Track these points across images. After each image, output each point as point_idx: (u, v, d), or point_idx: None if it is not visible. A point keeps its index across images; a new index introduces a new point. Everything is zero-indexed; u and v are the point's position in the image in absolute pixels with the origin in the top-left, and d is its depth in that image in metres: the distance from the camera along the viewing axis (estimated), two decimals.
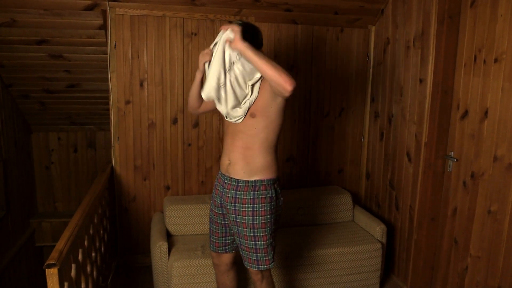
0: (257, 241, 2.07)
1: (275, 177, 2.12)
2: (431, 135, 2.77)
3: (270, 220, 2.08)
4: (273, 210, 2.09)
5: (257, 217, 2.05)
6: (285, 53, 3.39)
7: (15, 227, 3.93)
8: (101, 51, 3.30)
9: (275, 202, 2.10)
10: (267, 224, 2.07)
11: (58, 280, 1.66)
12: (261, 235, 2.07)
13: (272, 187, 2.09)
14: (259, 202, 2.05)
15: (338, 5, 3.22)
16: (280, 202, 2.16)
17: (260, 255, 2.09)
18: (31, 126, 4.38)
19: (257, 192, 2.06)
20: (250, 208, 2.05)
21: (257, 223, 2.06)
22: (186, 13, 3.11)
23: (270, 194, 2.07)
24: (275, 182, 2.12)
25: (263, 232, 2.07)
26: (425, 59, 2.77)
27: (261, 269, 2.12)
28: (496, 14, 2.34)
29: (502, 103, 2.32)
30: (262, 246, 2.08)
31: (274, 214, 2.11)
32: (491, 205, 2.41)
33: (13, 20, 2.95)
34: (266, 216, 2.07)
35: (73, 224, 2.09)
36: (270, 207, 2.07)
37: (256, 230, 2.06)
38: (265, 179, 2.07)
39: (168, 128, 3.28)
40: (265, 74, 1.85)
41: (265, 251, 2.09)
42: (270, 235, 2.09)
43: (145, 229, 3.34)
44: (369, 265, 2.96)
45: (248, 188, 2.06)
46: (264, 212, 2.06)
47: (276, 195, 2.11)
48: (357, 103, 3.62)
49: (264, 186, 2.06)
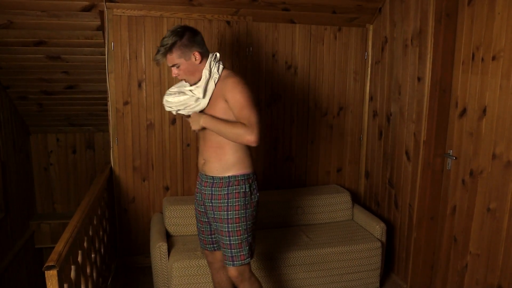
0: (231, 236, 2.11)
1: (248, 172, 2.15)
2: (430, 133, 2.78)
3: (244, 215, 2.12)
4: (248, 205, 2.13)
5: (231, 212, 2.10)
6: (283, 53, 3.39)
7: (14, 229, 3.92)
8: (99, 52, 3.29)
9: (249, 197, 2.13)
10: (241, 219, 2.11)
11: (57, 282, 1.66)
12: (235, 230, 2.11)
13: (246, 182, 2.12)
14: (233, 197, 2.10)
15: (336, 4, 3.22)
16: (256, 197, 2.18)
17: (235, 250, 2.13)
18: (29, 128, 4.37)
19: (231, 187, 2.10)
20: (225, 204, 2.10)
21: (231, 218, 2.10)
22: (183, 13, 3.10)
23: (244, 189, 2.11)
24: (249, 177, 2.15)
25: (237, 227, 2.11)
26: (423, 58, 2.77)
27: (236, 265, 2.13)
28: (494, 12, 2.34)
29: (500, 101, 2.32)
30: (236, 241, 2.12)
31: (250, 210, 2.14)
32: (490, 203, 2.42)
33: (11, 22, 2.95)
34: (240, 211, 2.10)
35: (72, 226, 2.09)
36: (244, 201, 2.11)
37: (230, 225, 2.10)
38: (238, 174, 2.11)
39: (167, 129, 3.27)
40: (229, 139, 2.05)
41: (239, 246, 2.12)
42: (244, 230, 2.13)
43: (145, 230, 3.34)
44: (368, 264, 2.97)
45: (222, 184, 2.11)
46: (238, 207, 2.10)
47: (250, 190, 2.14)
48: (356, 102, 3.62)
49: (238, 181, 2.11)
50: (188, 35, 2.06)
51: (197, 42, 2.08)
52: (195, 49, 2.07)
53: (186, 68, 2.09)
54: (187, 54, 2.06)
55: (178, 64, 2.08)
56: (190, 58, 2.06)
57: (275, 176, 3.56)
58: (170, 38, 2.03)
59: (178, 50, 2.04)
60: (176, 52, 2.05)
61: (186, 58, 2.06)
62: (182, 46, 2.04)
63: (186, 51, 2.05)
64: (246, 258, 2.15)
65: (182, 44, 2.04)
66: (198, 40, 2.09)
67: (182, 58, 2.06)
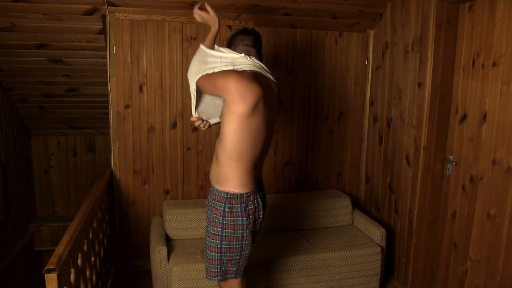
0: (207, 248, 2.04)
1: (235, 192, 1.93)
2: (430, 138, 2.78)
3: (220, 233, 1.96)
4: (225, 225, 1.94)
5: (210, 226, 2.00)
6: (284, 58, 3.40)
7: (14, 231, 3.92)
8: (100, 56, 3.30)
9: (228, 218, 1.93)
10: (216, 236, 1.97)
11: (57, 285, 1.66)
12: (209, 244, 2.01)
13: (228, 201, 1.93)
14: (212, 211, 1.98)
15: (337, 9, 3.23)
16: (240, 221, 1.94)
17: (207, 264, 2.06)
18: (30, 130, 4.38)
19: (213, 201, 1.98)
20: (209, 215, 2.02)
21: (209, 232, 2.00)
22: (185, 17, 3.11)
23: (223, 208, 1.93)
24: (234, 197, 1.93)
25: (211, 242, 2.00)
26: (423, 63, 2.78)
27: (207, 278, 2.08)
28: (494, 18, 2.35)
29: (500, 107, 2.33)
30: (208, 255, 2.04)
31: (228, 231, 1.95)
32: (490, 209, 2.42)
33: (13, 25, 2.96)
34: (216, 228, 1.96)
35: (72, 229, 2.09)
36: (222, 220, 1.94)
37: (208, 238, 2.02)
38: (221, 190, 1.96)
39: (168, 132, 3.28)
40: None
41: (210, 262, 2.04)
42: (217, 249, 1.98)
43: (145, 233, 3.34)
44: (368, 269, 2.96)
45: (212, 194, 2.02)
46: (215, 224, 1.96)
47: (231, 211, 1.93)
48: (356, 107, 3.63)
49: (220, 197, 1.95)
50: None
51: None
52: None
53: None
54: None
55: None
56: None
57: (275, 180, 3.56)
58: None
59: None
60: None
61: None
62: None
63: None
64: (214, 276, 2.05)
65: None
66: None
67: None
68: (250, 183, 1.97)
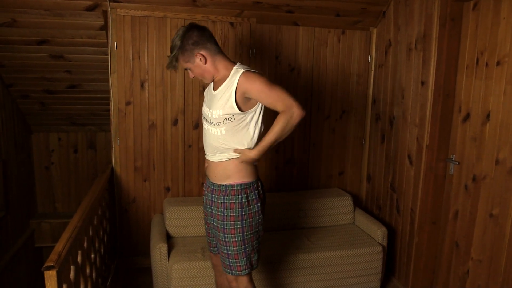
0: (228, 246, 2.06)
1: (247, 181, 2.06)
2: (433, 137, 2.76)
3: (240, 226, 2.03)
4: (244, 216, 2.03)
5: (226, 222, 2.03)
6: (286, 55, 3.38)
7: (14, 228, 3.92)
8: (102, 52, 3.29)
9: (246, 207, 2.03)
10: (237, 230, 2.03)
11: (56, 282, 1.64)
12: (230, 240, 2.04)
13: (243, 192, 2.03)
14: (228, 207, 2.03)
15: (340, 7, 3.21)
16: (256, 207, 2.06)
17: (232, 260, 2.07)
18: (31, 127, 4.37)
19: (227, 197, 2.04)
20: (221, 213, 2.05)
21: (227, 228, 2.04)
22: (187, 14, 3.10)
23: (240, 200, 2.02)
24: (247, 187, 2.06)
25: (233, 238, 2.04)
26: (427, 62, 2.76)
27: (234, 274, 2.09)
28: (499, 17, 2.33)
29: (504, 106, 2.31)
30: (233, 252, 2.06)
31: (247, 221, 2.04)
32: (492, 209, 2.40)
33: (14, 20, 2.95)
34: (236, 222, 2.02)
35: (72, 226, 2.08)
36: (240, 212, 2.02)
37: (226, 235, 2.05)
38: (235, 183, 2.04)
39: (169, 129, 3.27)
40: (287, 133, 2.03)
41: (235, 257, 2.06)
42: (241, 242, 2.04)
43: (145, 231, 3.33)
44: (369, 268, 2.95)
45: (220, 192, 2.07)
46: (233, 218, 2.02)
47: (248, 200, 2.04)
48: (358, 105, 3.61)
49: (234, 191, 2.03)
50: (188, 37, 2.02)
51: (199, 43, 2.03)
52: (197, 50, 2.04)
53: (195, 70, 2.09)
54: (191, 57, 2.04)
55: (188, 67, 2.09)
56: (195, 60, 2.05)
57: (276, 178, 3.55)
58: (172, 46, 2.04)
59: (182, 56, 2.04)
60: (181, 58, 2.05)
61: (191, 62, 2.05)
62: (184, 51, 2.03)
63: (189, 55, 2.04)
64: (242, 269, 2.08)
65: (183, 50, 2.02)
66: (201, 40, 2.03)
67: (189, 62, 2.06)
68: (254, 170, 2.11)
